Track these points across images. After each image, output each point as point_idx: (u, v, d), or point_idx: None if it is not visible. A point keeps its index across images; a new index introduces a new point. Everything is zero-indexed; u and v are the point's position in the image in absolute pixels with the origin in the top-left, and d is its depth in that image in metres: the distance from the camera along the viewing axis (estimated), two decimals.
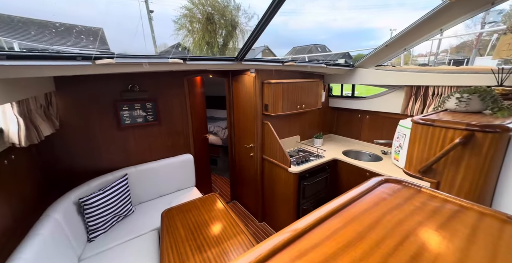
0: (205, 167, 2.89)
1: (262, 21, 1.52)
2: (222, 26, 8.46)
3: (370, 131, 2.65)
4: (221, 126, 3.75)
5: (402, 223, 0.43)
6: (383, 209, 0.48)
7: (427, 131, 1.00)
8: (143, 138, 2.06)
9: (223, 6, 8.18)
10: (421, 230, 0.40)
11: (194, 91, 2.52)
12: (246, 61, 2.02)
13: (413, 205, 0.48)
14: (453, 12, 1.61)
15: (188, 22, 8.05)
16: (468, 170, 0.86)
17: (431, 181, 0.99)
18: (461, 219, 0.42)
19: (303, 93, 2.35)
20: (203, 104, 2.74)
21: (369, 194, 0.55)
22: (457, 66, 1.97)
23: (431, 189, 0.53)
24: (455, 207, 0.46)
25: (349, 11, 63.95)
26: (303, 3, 48.26)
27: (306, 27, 60.60)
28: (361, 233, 0.40)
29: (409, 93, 2.13)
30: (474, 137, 0.84)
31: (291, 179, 2.10)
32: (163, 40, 11.28)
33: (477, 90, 1.05)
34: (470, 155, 0.86)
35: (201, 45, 8.35)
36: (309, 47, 22.37)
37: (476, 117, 0.98)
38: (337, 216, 0.46)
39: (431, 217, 0.43)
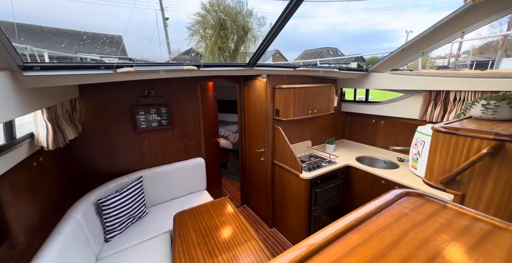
0: (216, 171, 2.91)
1: (274, 28, 1.53)
2: (234, 31, 8.64)
3: (385, 137, 2.55)
4: (232, 130, 3.79)
5: (427, 242, 0.40)
6: (406, 226, 0.46)
7: (449, 140, 0.95)
8: (157, 141, 2.13)
9: (235, 12, 8.37)
10: (449, 251, 0.38)
11: (207, 96, 2.57)
12: (258, 66, 2.04)
13: (439, 222, 0.46)
14: (477, 15, 1.53)
15: (202, 28, 8.32)
16: (498, 182, 0.81)
17: (455, 193, 0.93)
18: (495, 240, 0.39)
19: (314, 98, 2.33)
20: (215, 108, 2.79)
21: (388, 208, 0.53)
22: (480, 68, 1.87)
23: (459, 205, 0.50)
24: (487, 226, 0.43)
25: (362, 13, 62.93)
26: (314, 6, 48.22)
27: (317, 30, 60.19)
28: (383, 252, 0.39)
29: (428, 98, 2.04)
30: (504, 147, 0.78)
31: (302, 185, 2.07)
32: (177, 45, 11.70)
33: (507, 96, 0.99)
34: (500, 167, 0.80)
35: (213, 50, 8.56)
36: (320, 51, 22.18)
37: (505, 125, 0.92)
38: (355, 232, 0.44)
39: (460, 236, 0.41)
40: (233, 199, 3.18)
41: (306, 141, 2.71)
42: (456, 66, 10.93)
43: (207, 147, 2.57)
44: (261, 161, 2.53)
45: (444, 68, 11.36)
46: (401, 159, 2.30)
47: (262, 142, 2.46)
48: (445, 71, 2.04)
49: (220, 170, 3.02)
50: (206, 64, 1.60)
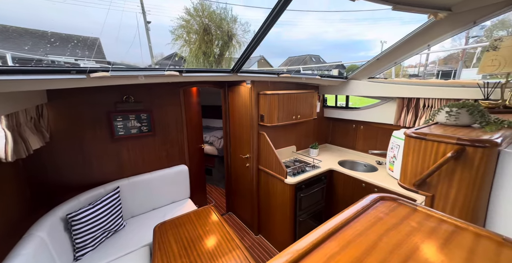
0: (200, 178, 2.83)
1: (257, 35, 1.56)
2: (219, 37, 8.68)
3: (364, 141, 2.68)
4: (217, 135, 3.74)
5: (400, 246, 0.42)
6: (380, 231, 0.47)
7: (419, 145, 1.01)
8: (137, 149, 2.03)
9: (219, 18, 8.44)
10: (419, 254, 0.39)
11: (190, 101, 2.52)
12: (242, 72, 2.05)
13: (410, 225, 0.48)
14: (439, 30, 1.70)
15: (185, 32, 8.24)
16: (462, 183, 0.87)
17: (426, 194, 0.99)
18: (458, 241, 0.42)
19: (298, 104, 2.39)
20: (199, 114, 2.74)
21: (365, 213, 0.55)
22: (445, 77, 2.06)
23: (427, 208, 0.53)
24: (451, 227, 0.46)
25: (341, 23, 67.15)
26: (296, 15, 50.45)
27: (299, 38, 62.80)
28: (359, 258, 0.39)
29: (401, 105, 2.19)
30: (465, 151, 0.85)
31: (287, 190, 2.08)
32: (160, 49, 11.46)
33: (465, 104, 1.08)
34: (462, 169, 0.87)
35: (197, 55, 8.49)
36: (304, 57, 23.04)
37: (466, 131, 1.01)
38: (334, 239, 0.45)
39: (428, 238, 0.43)
40: (218, 207, 3.10)
41: (291, 146, 2.75)
42: (425, 74, 11.95)
43: (191, 154, 2.50)
44: (246, 167, 2.51)
45: (415, 76, 12.37)
46: (380, 162, 2.42)
47: (247, 147, 2.46)
48: (415, 80, 2.22)
49: (204, 177, 2.94)
50: (188, 70, 1.57)
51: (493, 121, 1.00)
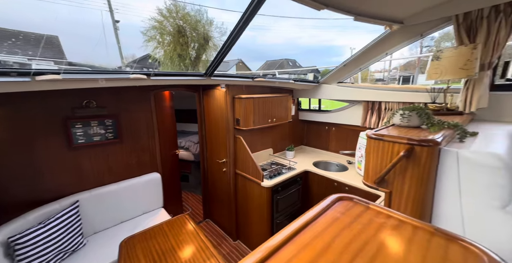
0: (175, 186, 2.71)
1: (229, 39, 1.57)
2: (194, 39, 8.51)
3: (336, 142, 2.82)
4: (193, 140, 3.62)
5: (351, 244, 0.44)
6: (336, 230, 0.50)
7: (378, 145, 1.10)
8: (101, 158, 1.86)
9: (195, 20, 8.29)
10: (366, 249, 0.42)
11: (162, 106, 2.41)
12: (215, 76, 2.03)
13: (361, 223, 0.51)
14: (394, 40, 1.88)
15: (158, 34, 7.91)
16: (413, 179, 0.96)
17: (384, 191, 1.07)
18: (400, 233, 0.46)
19: (273, 107, 2.43)
20: (172, 119, 2.63)
21: (324, 214, 0.57)
22: (405, 81, 2.29)
23: (377, 205, 0.57)
24: (395, 222, 0.50)
25: (313, 29, 71.21)
26: (271, 20, 52.18)
27: (276, 42, 64.83)
28: (312, 261, 0.41)
29: (366, 108, 2.37)
30: (414, 150, 0.94)
31: (264, 193, 2.09)
32: (131, 51, 10.77)
33: (415, 107, 1.21)
34: (413, 167, 0.96)
35: (172, 57, 8.20)
36: (281, 61, 23.73)
37: (416, 131, 1.12)
38: (292, 243, 0.46)
39: (375, 235, 0.46)
40: (195, 214, 2.99)
41: (268, 149, 2.79)
42: (388, 79, 13.14)
43: (164, 160, 2.38)
44: (223, 172, 2.46)
45: (381, 80, 13.55)
46: (350, 161, 2.57)
47: (223, 152, 2.42)
48: (376, 85, 2.41)
49: (180, 184, 2.81)
50: (157, 73, 1.51)
51: (436, 123, 1.12)
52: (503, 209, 0.75)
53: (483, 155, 0.80)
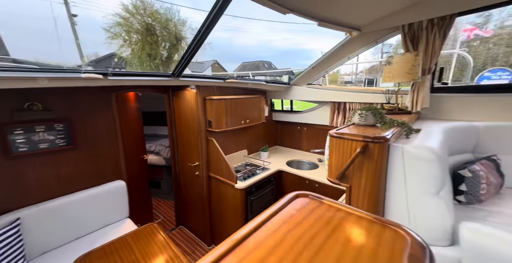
0: (143, 193, 2.53)
1: (197, 38, 1.53)
2: (165, 39, 8.13)
3: (308, 141, 2.94)
4: (165, 144, 3.44)
5: (301, 239, 0.46)
6: (289, 227, 0.51)
7: (339, 143, 1.17)
8: (49, 167, 1.63)
9: (165, 18, 7.93)
10: (313, 242, 0.44)
11: (126, 108, 2.25)
12: (184, 77, 1.96)
13: (313, 218, 0.53)
14: (354, 45, 2.04)
15: (124, 31, 7.35)
16: (368, 174, 1.05)
17: (345, 185, 1.14)
18: (345, 224, 0.49)
19: (246, 109, 2.44)
20: (138, 122, 2.46)
21: (281, 212, 0.58)
22: (370, 84, 2.49)
23: (330, 200, 0.60)
24: (342, 214, 0.54)
25: (286, 33, 73.99)
26: (245, 22, 52.82)
27: (251, 44, 65.66)
28: (262, 259, 0.41)
29: (333, 108, 2.52)
30: (368, 147, 1.03)
31: (238, 195, 2.07)
32: (93, 48, 9.79)
33: (370, 108, 1.32)
34: (368, 162, 1.05)
35: (140, 57, 7.70)
36: (257, 63, 24.02)
37: (371, 129, 1.22)
38: (245, 244, 0.46)
39: (323, 228, 0.49)
40: (167, 222, 2.83)
41: (242, 150, 2.78)
42: (356, 81, 14.21)
43: (130, 167, 2.21)
44: (196, 175, 2.39)
45: (349, 83, 14.61)
46: (320, 160, 2.70)
47: (196, 155, 2.35)
48: (341, 86, 2.58)
49: (149, 191, 2.64)
50: (116, 73, 1.40)
51: (388, 121, 1.24)
52: (436, 195, 0.87)
53: (421, 149, 0.91)
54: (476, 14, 7.15)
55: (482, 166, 1.17)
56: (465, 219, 0.87)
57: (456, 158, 1.34)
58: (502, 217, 1.02)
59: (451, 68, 6.36)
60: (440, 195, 0.86)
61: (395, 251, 0.39)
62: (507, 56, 6.17)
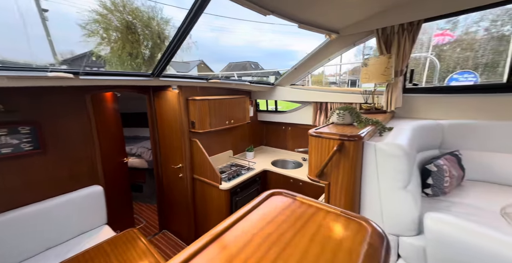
0: (124, 197, 2.43)
1: (177, 36, 1.50)
2: (147, 37, 7.85)
3: (293, 141, 3.00)
4: (147, 146, 3.32)
5: (271, 236, 0.47)
6: (262, 224, 0.52)
7: (318, 142, 1.21)
8: (13, 173, 1.49)
9: (147, 17, 7.66)
10: (280, 239, 0.45)
11: (104, 109, 2.14)
12: (164, 77, 1.92)
13: (285, 215, 0.55)
14: (334, 47, 2.11)
15: (102, 29, 6.97)
16: (345, 170, 1.09)
17: (324, 183, 1.18)
18: (313, 220, 0.51)
19: (231, 109, 2.43)
20: (117, 123, 2.36)
21: (256, 209, 0.59)
22: (353, 84, 2.58)
23: (302, 197, 0.62)
24: (313, 210, 0.56)
25: (273, 34, 74.91)
26: (231, 22, 52.69)
27: (238, 44, 65.56)
28: (232, 256, 0.42)
29: (316, 108, 2.59)
30: (344, 144, 1.07)
31: (222, 196, 2.06)
32: (69, 46, 9.15)
33: (347, 107, 1.38)
34: (344, 159, 1.09)
35: (121, 56, 7.35)
36: (244, 64, 24.00)
37: (349, 128, 1.27)
38: (217, 242, 0.46)
39: (294, 224, 0.50)
40: (150, 226, 2.74)
41: (228, 151, 2.77)
42: (340, 82, 14.71)
43: (109, 171, 2.11)
44: (179, 178, 2.33)
45: (334, 83, 15.08)
46: (304, 158, 2.76)
47: (179, 157, 2.29)
48: (322, 87, 2.66)
49: (130, 195, 2.54)
50: (89, 72, 1.33)
51: (363, 120, 1.30)
52: (404, 188, 0.92)
53: (391, 146, 0.97)
54: (446, 21, 7.65)
55: (446, 160, 1.27)
56: (431, 210, 0.94)
57: (424, 154, 1.43)
58: (463, 207, 1.11)
59: (425, 71, 6.81)
60: (407, 188, 0.92)
61: (356, 242, 0.42)
62: (472, 60, 6.73)
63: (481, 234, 0.72)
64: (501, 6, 1.38)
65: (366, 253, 0.38)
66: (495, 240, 0.71)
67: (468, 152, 1.42)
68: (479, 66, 6.49)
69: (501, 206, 1.09)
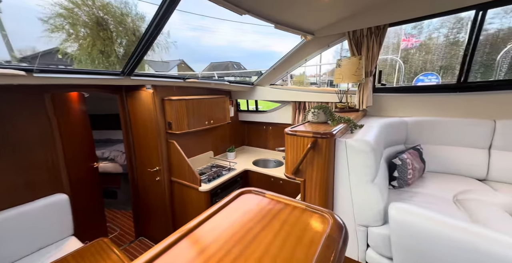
0: (94, 205, 2.25)
1: (148, 33, 1.43)
2: (121, 35, 7.39)
3: (274, 140, 3.03)
4: (121, 149, 3.13)
5: (237, 233, 0.46)
6: (229, 222, 0.51)
7: (293, 140, 1.23)
8: None
9: (120, 13, 7.21)
10: (246, 236, 0.45)
11: (68, 110, 1.97)
12: (136, 76, 1.82)
13: (253, 212, 0.54)
14: (310, 48, 2.18)
15: (68, 24, 6.39)
16: (318, 167, 1.13)
17: (300, 180, 1.21)
18: (279, 216, 0.52)
19: (210, 109, 2.38)
20: (84, 125, 2.18)
21: (225, 208, 0.58)
22: (332, 84, 2.66)
23: (271, 194, 0.62)
24: (281, 205, 0.56)
25: (254, 34, 75.53)
26: (214, 22, 52.19)
27: (220, 44, 64.88)
28: (198, 255, 0.40)
29: (295, 107, 2.64)
30: (317, 142, 1.11)
31: (202, 198, 2.01)
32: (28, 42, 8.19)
33: (321, 106, 1.42)
34: (318, 156, 1.12)
35: (91, 53, 6.82)
36: (226, 64, 23.76)
37: (323, 126, 1.31)
38: (185, 240, 0.44)
39: (260, 221, 0.50)
40: (125, 234, 2.58)
41: (208, 152, 2.71)
42: (320, 82, 15.25)
43: (75, 177, 1.94)
44: (157, 181, 2.23)
45: (314, 84, 15.58)
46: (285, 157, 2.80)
47: (156, 159, 2.19)
48: (300, 87, 2.73)
49: (102, 202, 2.36)
50: (46, 69, 1.21)
51: (336, 118, 1.36)
52: (371, 182, 0.98)
53: (360, 142, 1.02)
54: (412, 27, 8.26)
55: (409, 154, 1.37)
56: (396, 200, 1.01)
57: (392, 149, 1.54)
58: (423, 196, 1.21)
59: (396, 72, 7.33)
60: (374, 182, 0.97)
61: (317, 234, 0.43)
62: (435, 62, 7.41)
63: (437, 221, 0.79)
64: (453, 14, 1.53)
65: (324, 244, 0.39)
66: (448, 225, 0.78)
67: (428, 146, 1.55)
68: (441, 68, 7.17)
69: (453, 194, 1.21)
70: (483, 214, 1.00)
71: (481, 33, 1.53)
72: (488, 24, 5.38)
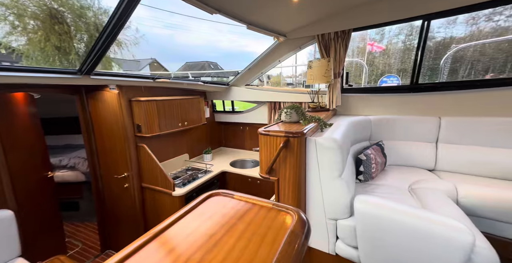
0: (50, 220, 2.00)
1: (109, 26, 1.32)
2: (82, 30, 6.68)
3: (251, 140, 3.03)
4: (82, 156, 2.83)
5: (203, 235, 0.44)
6: (193, 228, 0.49)
7: (267, 140, 1.24)
8: None
9: (79, 5, 6.52)
10: (213, 237, 0.43)
11: (11, 113, 1.71)
12: (97, 75, 1.66)
13: (220, 214, 0.53)
14: (282, 49, 2.23)
15: (12, 14, 5.53)
16: (291, 166, 1.15)
17: (274, 179, 1.22)
18: (248, 214, 0.51)
19: (183, 110, 2.28)
20: (35, 130, 1.92)
21: (194, 210, 0.55)
22: (308, 85, 2.74)
23: (239, 195, 0.61)
24: (248, 205, 0.56)
25: (231, 35, 75.34)
26: (189, 20, 50.66)
27: (197, 43, 63.13)
28: (161, 259, 0.38)
29: (270, 107, 2.68)
30: (289, 141, 1.13)
31: (176, 203, 1.92)
32: None
33: (293, 106, 1.46)
34: (290, 155, 1.15)
35: (44, 49, 6.03)
36: (202, 64, 23.12)
37: (296, 126, 1.35)
38: (153, 243, 0.41)
39: (226, 223, 0.49)
40: (89, 249, 2.34)
41: (183, 155, 2.60)
42: (296, 83, 15.76)
43: (23, 189, 1.70)
44: (125, 188, 2.06)
45: (290, 84, 16.05)
46: None
47: (124, 165, 2.03)
48: (275, 87, 2.78)
49: (59, 216, 2.10)
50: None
51: (308, 118, 1.40)
52: (339, 177, 1.03)
53: (327, 140, 1.07)
54: (376, 32, 8.96)
55: (373, 150, 1.49)
56: (361, 193, 1.08)
57: (358, 146, 1.65)
58: (385, 188, 1.32)
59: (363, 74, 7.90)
60: (342, 177, 1.03)
61: (281, 231, 0.43)
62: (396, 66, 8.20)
63: (393, 209, 0.88)
64: (407, 22, 1.71)
65: (287, 241, 0.40)
66: (402, 212, 0.87)
67: (389, 141, 1.71)
68: (400, 71, 7.96)
69: (408, 184, 1.35)
70: (429, 199, 1.13)
71: (431, 41, 1.73)
72: (436, 32, 6.16)
